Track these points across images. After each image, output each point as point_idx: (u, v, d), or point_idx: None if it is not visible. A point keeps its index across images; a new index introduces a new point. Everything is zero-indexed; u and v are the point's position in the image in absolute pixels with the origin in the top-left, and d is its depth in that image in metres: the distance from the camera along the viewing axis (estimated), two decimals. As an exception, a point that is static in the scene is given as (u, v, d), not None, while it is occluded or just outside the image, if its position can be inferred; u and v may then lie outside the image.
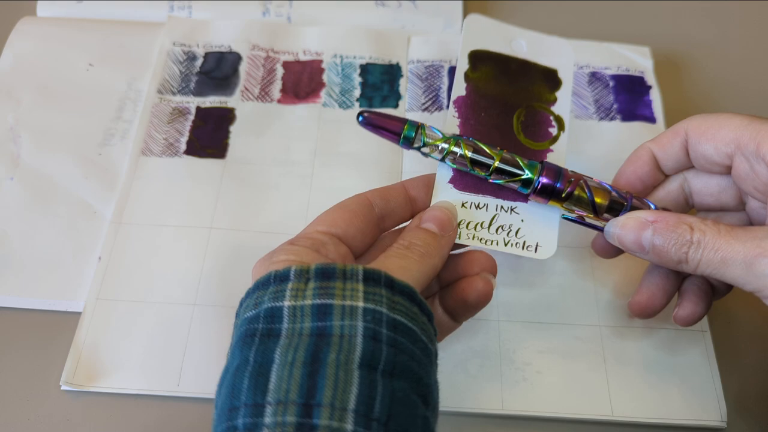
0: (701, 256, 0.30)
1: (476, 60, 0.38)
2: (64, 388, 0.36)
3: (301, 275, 0.27)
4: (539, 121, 0.37)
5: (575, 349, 0.38)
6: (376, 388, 0.24)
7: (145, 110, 0.46)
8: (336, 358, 0.25)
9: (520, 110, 0.36)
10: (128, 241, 0.41)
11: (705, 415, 0.36)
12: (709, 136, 0.32)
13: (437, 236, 0.32)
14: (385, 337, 0.26)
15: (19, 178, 0.43)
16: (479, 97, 0.36)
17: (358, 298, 0.26)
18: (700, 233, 0.30)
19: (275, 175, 0.44)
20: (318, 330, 0.26)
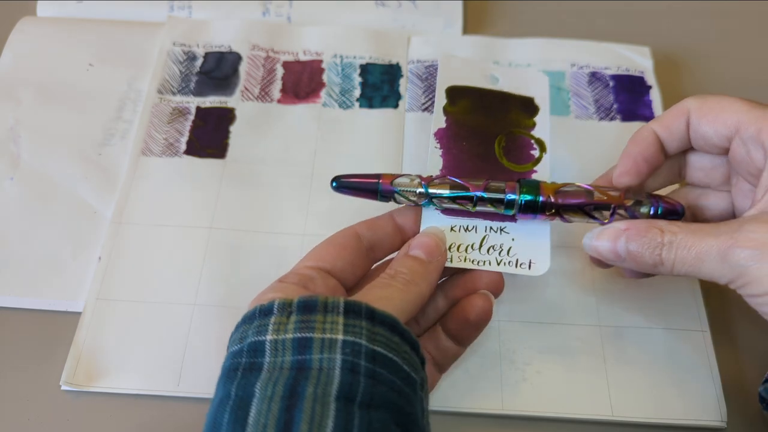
0: (675, 255, 0.31)
1: (454, 94, 0.39)
2: (64, 388, 0.36)
3: (284, 309, 0.28)
4: (520, 145, 0.38)
5: (575, 349, 0.38)
6: (352, 421, 0.24)
7: (145, 110, 0.46)
8: (314, 392, 0.25)
9: (501, 137, 0.38)
10: (128, 241, 0.41)
11: (705, 415, 0.36)
12: (711, 117, 0.32)
13: (424, 263, 0.32)
14: (363, 369, 0.26)
15: (19, 178, 0.43)
16: (459, 128, 0.38)
17: (337, 330, 0.27)
18: (671, 234, 0.31)
19: (275, 175, 0.44)
20: (298, 363, 0.26)
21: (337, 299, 0.28)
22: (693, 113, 0.33)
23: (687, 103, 0.33)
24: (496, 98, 0.39)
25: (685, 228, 0.31)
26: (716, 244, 0.29)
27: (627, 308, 0.39)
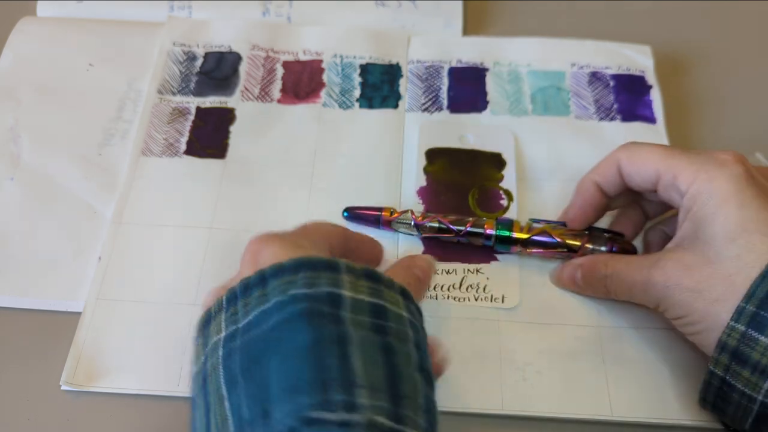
0: (615, 286, 0.36)
1: (432, 155, 0.44)
2: (64, 388, 0.36)
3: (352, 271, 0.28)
4: (491, 196, 0.43)
5: (575, 349, 0.38)
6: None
7: (145, 110, 0.46)
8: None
9: (474, 190, 0.43)
10: (128, 241, 0.41)
11: (704, 415, 0.36)
12: (636, 167, 0.37)
13: (422, 283, 0.35)
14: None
15: (19, 178, 0.43)
16: (438, 185, 0.43)
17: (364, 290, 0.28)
18: (611, 268, 0.37)
19: (275, 175, 0.44)
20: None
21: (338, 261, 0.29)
22: (622, 163, 0.37)
23: (617, 154, 0.38)
24: (468, 156, 0.44)
25: (622, 261, 0.36)
26: (639, 276, 0.35)
27: (626, 308, 0.39)
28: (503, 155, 0.44)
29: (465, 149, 0.45)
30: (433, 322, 0.38)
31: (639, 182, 0.37)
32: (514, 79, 0.49)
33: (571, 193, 0.41)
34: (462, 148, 0.45)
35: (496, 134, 0.45)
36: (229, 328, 0.27)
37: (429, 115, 0.47)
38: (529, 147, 0.45)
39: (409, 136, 0.46)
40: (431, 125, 0.46)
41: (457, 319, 0.38)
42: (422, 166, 0.44)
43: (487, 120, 0.47)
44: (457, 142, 0.45)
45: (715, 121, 0.49)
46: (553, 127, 0.46)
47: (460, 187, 0.43)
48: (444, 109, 0.47)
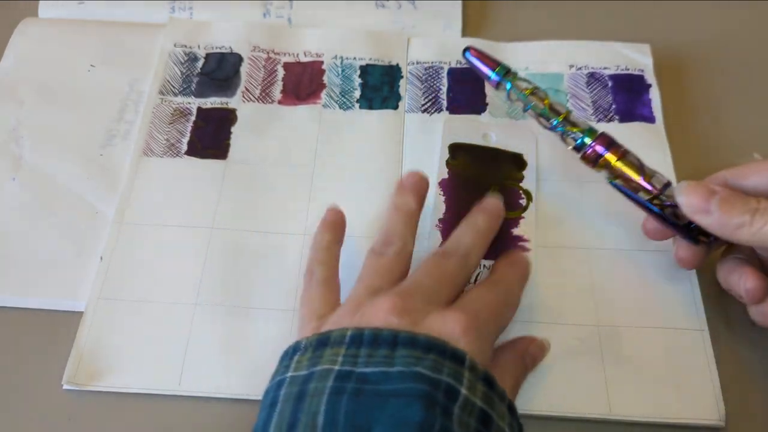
0: (766, 221, 0.33)
1: (455, 150, 0.45)
2: (66, 388, 0.36)
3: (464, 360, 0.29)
4: (511, 194, 0.43)
5: (573, 348, 0.38)
6: None
7: (146, 111, 0.46)
8: None
9: (494, 187, 0.43)
10: (130, 241, 0.41)
11: (703, 414, 0.36)
12: None
13: (528, 371, 0.36)
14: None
15: (21, 178, 0.43)
16: (459, 179, 0.43)
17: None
18: (766, 202, 0.33)
19: (276, 175, 0.44)
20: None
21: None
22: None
23: None
24: (490, 154, 0.44)
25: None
26: None
27: (625, 307, 0.39)
28: (525, 156, 0.44)
29: (487, 147, 0.45)
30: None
31: None
32: (514, 80, 0.49)
33: (584, 195, 0.43)
34: (485, 145, 0.45)
35: (519, 135, 0.46)
36: (345, 366, 0.28)
37: (429, 116, 0.47)
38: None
39: (409, 136, 0.46)
40: (455, 121, 0.46)
41: None
42: (445, 159, 0.44)
43: (486, 121, 0.47)
44: (480, 140, 0.45)
45: (714, 120, 0.49)
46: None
47: (481, 183, 0.43)
48: (444, 110, 0.47)
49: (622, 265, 0.41)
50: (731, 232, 0.34)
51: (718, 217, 0.34)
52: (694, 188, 0.35)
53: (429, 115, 0.47)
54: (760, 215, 0.33)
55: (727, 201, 0.34)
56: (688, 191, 0.35)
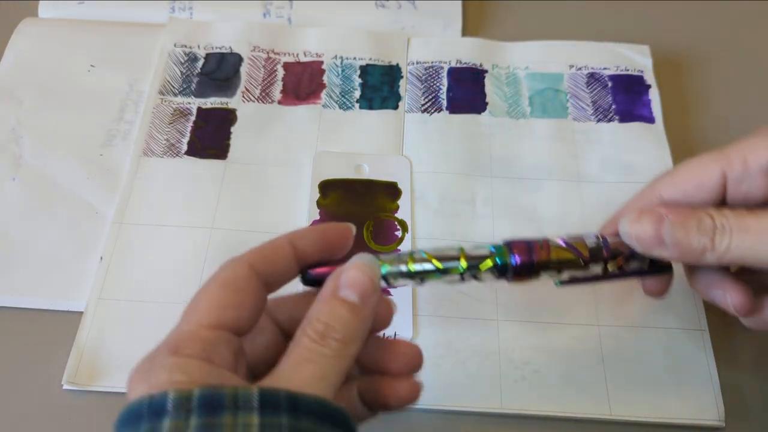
0: (730, 240, 0.29)
1: (326, 188, 0.43)
2: (66, 387, 0.36)
3: (181, 407, 0.21)
4: (386, 228, 0.41)
5: (574, 348, 0.38)
6: None
7: (146, 111, 0.46)
8: None
9: (369, 222, 0.41)
10: (130, 241, 0.41)
11: (703, 414, 0.36)
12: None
13: (358, 309, 0.26)
14: None
15: (21, 178, 0.43)
16: (331, 218, 0.42)
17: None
18: (723, 218, 0.29)
19: (276, 175, 0.44)
20: None
21: (248, 391, 0.22)
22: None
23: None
24: (363, 187, 0.43)
25: (735, 212, 0.29)
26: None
27: (625, 307, 0.39)
28: (399, 184, 0.43)
29: (360, 179, 0.43)
30: (433, 321, 0.38)
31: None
32: (512, 81, 0.49)
33: (585, 195, 0.42)
34: (357, 178, 0.43)
35: (393, 163, 0.44)
36: None
37: (429, 115, 0.47)
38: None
39: (409, 136, 0.46)
40: (325, 157, 0.44)
41: (456, 318, 0.39)
42: (315, 200, 0.42)
43: (486, 121, 0.47)
44: (353, 173, 0.44)
45: (714, 120, 0.49)
46: (551, 130, 0.46)
47: (355, 220, 0.36)
48: (444, 110, 0.47)
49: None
50: (696, 259, 0.30)
51: (675, 247, 0.30)
52: (637, 221, 0.30)
53: (429, 115, 0.47)
54: (719, 235, 0.29)
55: (680, 226, 0.29)
56: (633, 226, 0.30)
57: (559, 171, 0.44)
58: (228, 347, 0.24)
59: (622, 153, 0.45)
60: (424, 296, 0.39)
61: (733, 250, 0.29)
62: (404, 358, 0.28)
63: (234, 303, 0.25)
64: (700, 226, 0.29)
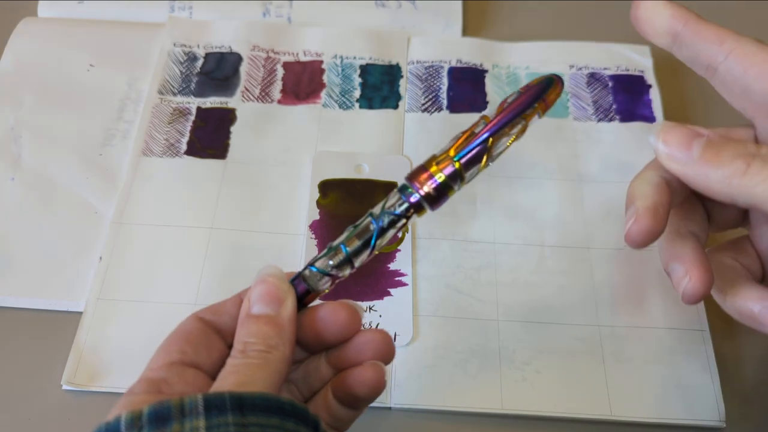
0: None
1: (326, 188, 0.43)
2: (65, 388, 0.36)
3: (133, 425, 0.23)
4: None
5: (574, 348, 0.38)
6: None
7: (145, 111, 0.46)
8: None
9: None
10: (129, 241, 0.41)
11: (704, 414, 0.36)
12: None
13: (273, 319, 0.27)
14: None
15: (20, 178, 0.43)
16: (331, 218, 0.42)
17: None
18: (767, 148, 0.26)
19: (276, 175, 0.44)
20: None
21: (194, 397, 0.23)
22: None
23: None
24: (363, 186, 0.43)
25: None
26: None
27: (626, 308, 0.39)
28: (399, 184, 0.43)
29: (360, 179, 0.43)
30: (432, 321, 0.38)
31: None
32: (513, 81, 0.49)
33: (585, 195, 0.41)
34: (357, 178, 0.43)
35: (393, 162, 0.44)
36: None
37: (429, 115, 0.47)
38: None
39: (409, 136, 0.46)
40: (325, 156, 0.44)
41: (456, 319, 0.38)
42: (315, 200, 0.42)
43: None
44: (353, 172, 0.44)
45: (715, 120, 0.48)
46: (551, 130, 0.46)
47: (355, 220, 0.39)
48: (444, 109, 0.47)
49: (623, 265, 0.41)
50: (718, 184, 0.27)
51: (702, 162, 0.27)
52: (673, 128, 0.28)
53: (429, 115, 0.47)
54: (760, 162, 0.26)
55: (715, 144, 0.27)
56: (667, 131, 0.28)
57: (559, 170, 0.44)
58: (180, 378, 0.26)
59: (622, 153, 0.45)
60: (424, 297, 0.39)
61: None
62: (374, 345, 0.29)
63: (178, 343, 0.27)
64: (739, 148, 0.27)
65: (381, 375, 0.29)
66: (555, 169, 0.45)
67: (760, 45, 0.29)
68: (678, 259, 0.30)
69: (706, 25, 0.31)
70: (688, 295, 0.30)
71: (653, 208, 0.29)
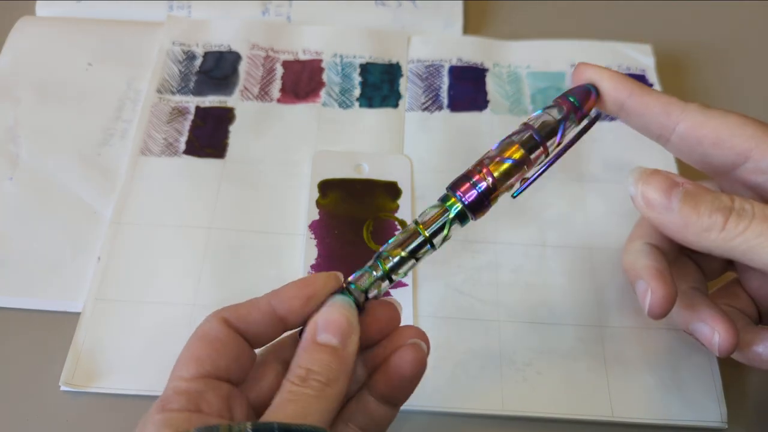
0: (749, 225, 0.26)
1: (325, 188, 0.43)
2: (64, 389, 0.36)
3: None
4: (386, 227, 0.41)
5: (575, 349, 0.38)
6: None
7: (144, 110, 0.46)
8: None
9: (368, 222, 0.41)
10: (127, 241, 0.41)
11: (705, 415, 0.36)
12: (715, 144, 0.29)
13: (338, 351, 0.26)
14: None
15: (18, 178, 0.43)
16: (331, 218, 0.41)
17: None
18: (746, 203, 0.27)
19: (275, 174, 0.44)
20: None
21: (243, 426, 0.23)
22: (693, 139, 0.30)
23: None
24: (363, 186, 0.43)
25: (758, 202, 0.27)
26: None
27: (627, 308, 0.39)
28: (399, 183, 0.43)
29: (360, 179, 0.43)
30: (433, 322, 0.38)
31: (718, 164, 0.29)
32: (514, 80, 0.49)
33: (586, 194, 0.41)
34: (357, 178, 0.43)
35: (393, 162, 0.44)
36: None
37: (429, 114, 0.47)
38: None
39: (409, 135, 0.46)
40: (325, 156, 0.44)
41: (457, 320, 0.38)
42: (314, 200, 0.42)
43: (487, 119, 0.46)
44: (353, 172, 0.43)
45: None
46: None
47: (354, 220, 0.40)
48: (444, 108, 0.47)
49: (624, 266, 0.40)
50: (696, 236, 0.27)
51: (680, 215, 0.27)
52: (652, 176, 0.29)
53: (430, 114, 0.47)
54: (737, 216, 0.27)
55: (693, 195, 0.27)
56: (646, 179, 0.29)
57: (560, 170, 0.44)
58: (216, 393, 0.25)
59: (624, 152, 0.45)
60: (424, 297, 0.39)
61: (748, 237, 0.26)
62: (408, 335, 0.29)
63: (209, 353, 0.26)
64: (715, 202, 0.27)
65: (423, 352, 0.28)
66: (556, 167, 0.44)
67: (707, 112, 0.29)
68: (696, 318, 0.31)
69: (650, 96, 0.30)
70: (723, 350, 0.31)
71: (661, 276, 0.31)
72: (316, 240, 0.41)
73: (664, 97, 0.30)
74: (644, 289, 0.31)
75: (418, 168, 0.44)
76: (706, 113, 0.29)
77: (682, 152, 0.31)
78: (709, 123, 0.29)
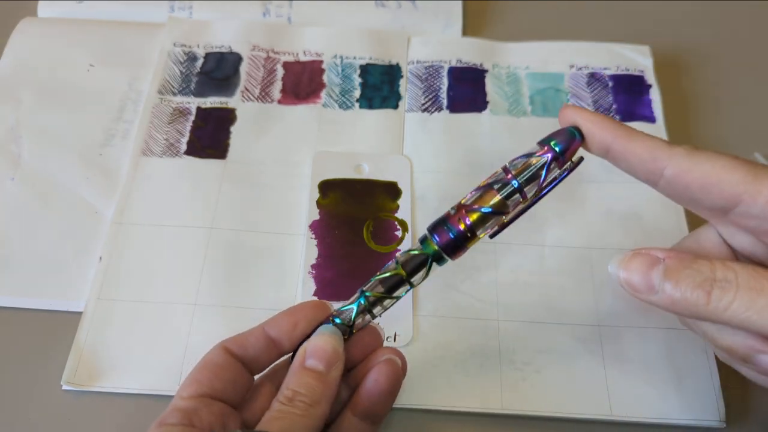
0: (734, 297, 0.25)
1: (326, 188, 0.43)
2: (65, 388, 0.36)
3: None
4: (386, 227, 0.41)
5: (574, 348, 0.38)
6: None
7: (145, 111, 0.46)
8: None
9: (368, 222, 0.41)
10: (129, 241, 0.41)
11: (704, 415, 0.36)
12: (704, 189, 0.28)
13: (323, 376, 0.29)
14: None
15: (20, 178, 0.43)
16: (331, 218, 0.42)
17: None
18: (728, 270, 0.26)
19: (275, 175, 0.44)
20: None
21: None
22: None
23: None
24: (363, 186, 0.43)
25: (745, 267, 0.26)
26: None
27: (626, 308, 0.39)
28: (399, 184, 0.43)
29: (360, 179, 0.43)
30: (432, 321, 0.38)
31: (708, 206, 0.28)
32: (513, 81, 0.49)
33: (585, 194, 0.41)
34: (357, 178, 0.43)
35: (393, 162, 0.44)
36: None
37: (429, 115, 0.47)
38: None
39: (409, 136, 0.46)
40: (325, 156, 0.44)
41: (456, 319, 0.38)
42: (315, 200, 0.42)
43: (487, 120, 0.47)
44: (353, 173, 0.44)
45: (715, 120, 0.49)
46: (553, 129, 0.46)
47: (355, 220, 0.41)
48: (444, 109, 0.47)
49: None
50: (688, 312, 0.27)
51: (665, 300, 0.27)
52: (632, 261, 0.28)
53: (429, 114, 0.47)
54: (719, 290, 0.25)
55: (673, 272, 0.26)
56: (626, 265, 0.28)
57: None
58: (209, 411, 0.28)
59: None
60: (424, 297, 0.39)
61: (735, 310, 0.25)
62: (384, 351, 0.32)
63: (208, 376, 0.29)
64: (696, 276, 0.26)
65: (397, 365, 0.31)
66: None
67: (693, 157, 0.28)
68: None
69: (635, 140, 0.29)
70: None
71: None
72: (317, 240, 0.41)
73: (650, 140, 0.29)
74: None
75: (418, 168, 0.44)
76: (693, 158, 0.28)
77: (672, 196, 0.29)
78: (696, 168, 0.28)
